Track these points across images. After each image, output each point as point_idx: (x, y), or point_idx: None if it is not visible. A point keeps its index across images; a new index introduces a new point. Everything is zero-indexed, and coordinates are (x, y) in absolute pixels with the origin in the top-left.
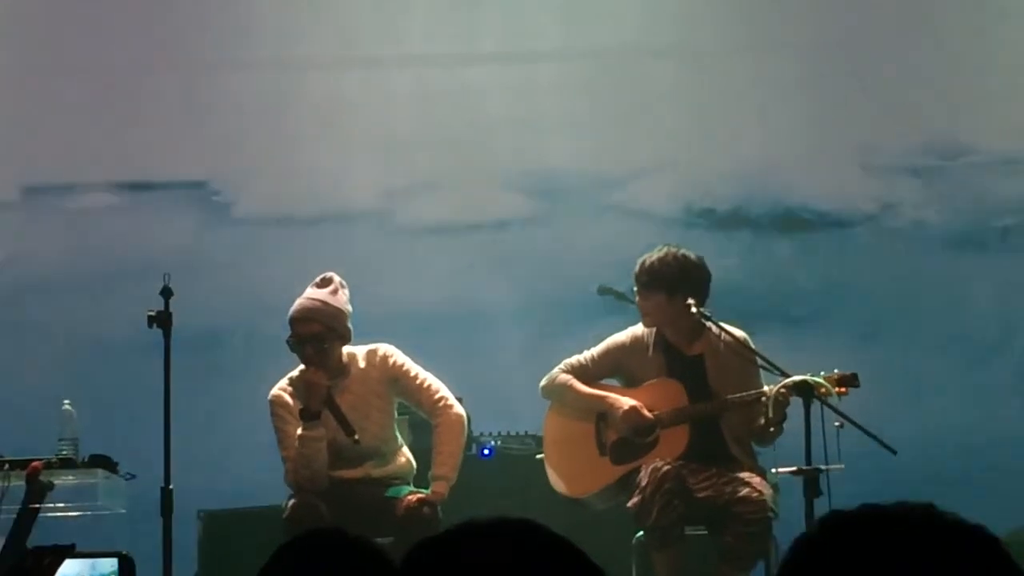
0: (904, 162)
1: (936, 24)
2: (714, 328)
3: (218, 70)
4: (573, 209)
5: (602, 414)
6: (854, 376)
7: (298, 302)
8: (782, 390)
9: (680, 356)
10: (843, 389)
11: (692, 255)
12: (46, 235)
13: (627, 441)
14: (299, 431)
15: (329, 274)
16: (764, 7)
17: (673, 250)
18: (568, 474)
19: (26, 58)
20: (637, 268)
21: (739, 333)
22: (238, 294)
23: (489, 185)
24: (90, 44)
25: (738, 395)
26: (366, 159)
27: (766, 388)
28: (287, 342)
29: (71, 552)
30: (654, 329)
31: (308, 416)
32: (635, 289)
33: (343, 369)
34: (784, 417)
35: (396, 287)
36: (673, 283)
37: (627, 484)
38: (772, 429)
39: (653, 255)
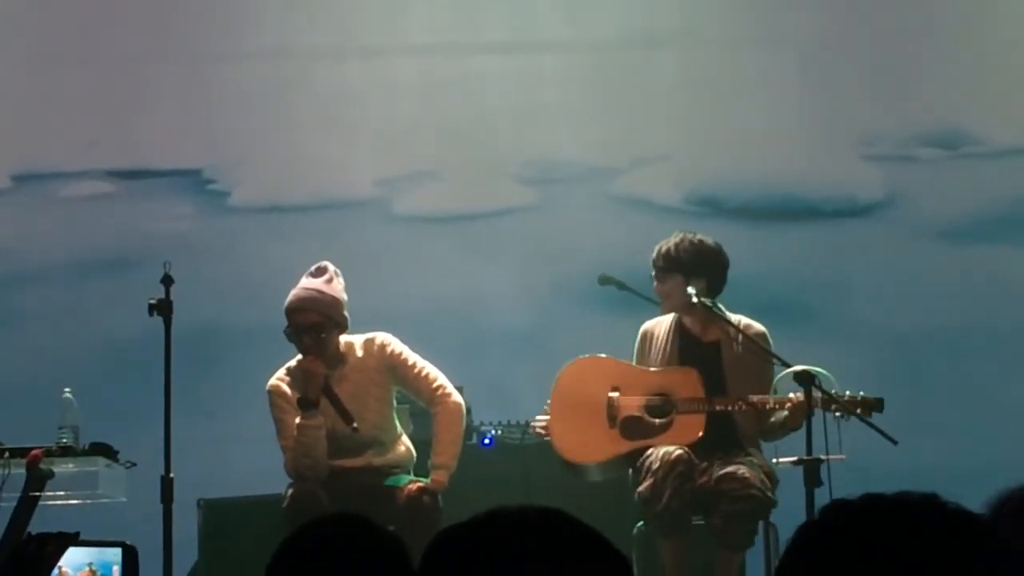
0: (905, 152)
1: (938, 14)
2: (725, 317)
3: (219, 59)
4: (575, 199)
5: (615, 388)
6: (879, 401)
7: (294, 292)
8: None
9: (695, 342)
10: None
11: (709, 240)
12: (38, 223)
13: (640, 420)
14: (297, 420)
15: (323, 263)
16: None
17: (690, 236)
18: (573, 440)
19: (21, 45)
20: (654, 254)
21: (757, 326)
22: (237, 283)
23: (491, 174)
24: (86, 31)
25: (762, 397)
26: (367, 148)
27: (792, 395)
28: (284, 333)
29: (75, 540)
30: (673, 315)
31: (306, 405)
32: (652, 275)
33: (341, 358)
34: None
35: (396, 276)
36: (690, 267)
37: (632, 460)
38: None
39: (670, 241)
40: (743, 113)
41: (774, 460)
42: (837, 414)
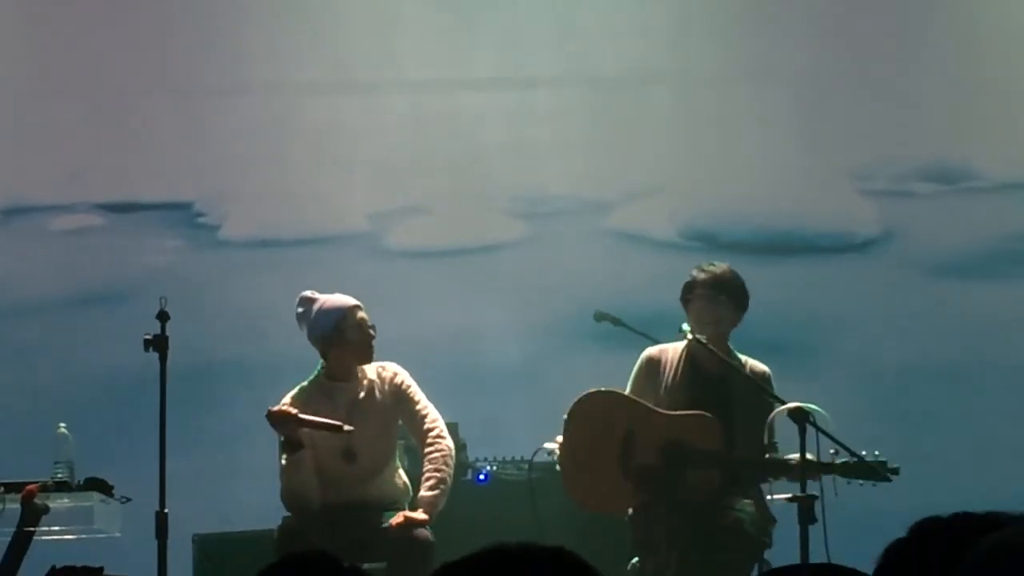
0: (902, 187)
1: (933, 49)
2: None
3: (210, 92)
4: (568, 233)
5: (631, 432)
6: (895, 470)
7: (344, 298)
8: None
9: (705, 372)
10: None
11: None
12: (28, 256)
13: (655, 471)
14: (283, 458)
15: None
16: (759, 33)
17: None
18: (584, 488)
19: (11, 78)
20: (705, 276)
21: (762, 367)
22: (228, 316)
23: (484, 209)
24: (79, 65)
25: (787, 458)
26: (360, 182)
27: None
28: (352, 329)
29: (100, 575)
30: (684, 344)
31: (290, 448)
32: (700, 293)
33: (356, 379)
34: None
35: (389, 310)
36: (745, 298)
37: (641, 517)
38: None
39: (714, 267)
40: (738, 148)
41: (769, 496)
42: (832, 451)
